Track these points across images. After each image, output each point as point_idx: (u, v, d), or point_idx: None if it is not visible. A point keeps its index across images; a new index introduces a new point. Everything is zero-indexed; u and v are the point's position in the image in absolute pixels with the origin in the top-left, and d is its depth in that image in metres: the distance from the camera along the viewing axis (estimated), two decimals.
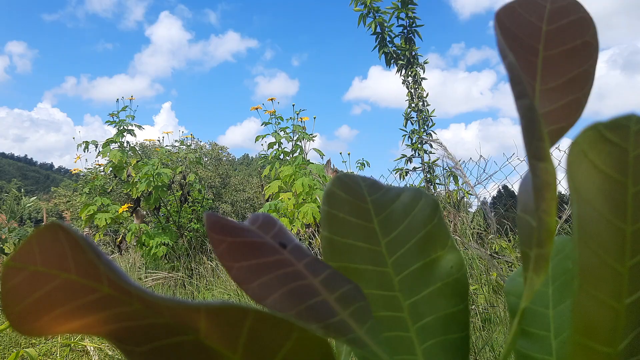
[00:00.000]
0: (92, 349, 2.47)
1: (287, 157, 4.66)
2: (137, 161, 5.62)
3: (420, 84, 5.59)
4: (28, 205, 5.04)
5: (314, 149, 4.68)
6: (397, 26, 5.64)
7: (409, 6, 5.50)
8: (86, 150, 5.71)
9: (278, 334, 0.21)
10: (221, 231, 0.26)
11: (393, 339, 0.32)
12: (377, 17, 5.57)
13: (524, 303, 0.26)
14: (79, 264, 0.19)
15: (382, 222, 0.34)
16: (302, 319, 0.27)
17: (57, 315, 0.19)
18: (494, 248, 3.12)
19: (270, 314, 0.20)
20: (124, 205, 5.68)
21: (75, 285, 0.19)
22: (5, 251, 4.86)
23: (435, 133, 5.55)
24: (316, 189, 4.06)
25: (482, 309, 2.24)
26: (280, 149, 4.69)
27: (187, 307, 0.19)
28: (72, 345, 2.62)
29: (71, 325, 0.19)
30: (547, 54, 0.29)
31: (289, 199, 4.12)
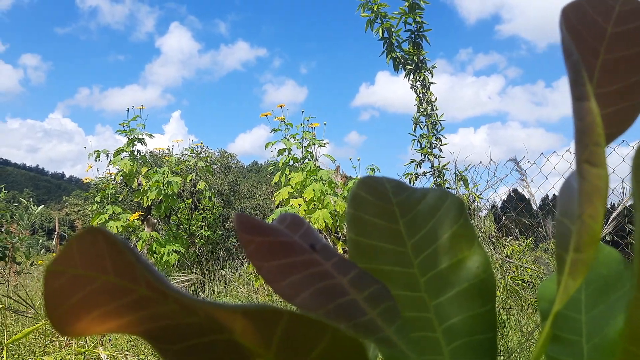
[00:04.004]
0: (105, 356, 2.47)
1: (296, 164, 4.67)
2: (148, 170, 5.65)
3: (429, 89, 5.59)
4: (36, 212, 5.09)
5: (325, 154, 4.68)
6: (404, 31, 5.65)
7: (417, 11, 5.50)
8: (97, 160, 5.75)
9: (311, 333, 0.20)
10: (250, 231, 0.27)
11: (420, 340, 0.32)
12: (384, 23, 5.59)
13: (557, 306, 0.25)
14: (117, 266, 0.19)
15: (407, 224, 0.34)
16: (332, 318, 0.27)
17: (96, 316, 0.19)
18: (506, 252, 3.10)
19: (305, 315, 0.20)
20: (135, 213, 5.72)
21: (114, 286, 0.19)
22: (17, 260, 4.89)
23: (444, 137, 5.54)
24: (327, 194, 4.06)
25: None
26: (290, 155, 4.70)
27: (224, 310, 0.19)
28: (87, 353, 2.63)
29: (109, 326, 0.19)
30: (607, 57, 0.29)
31: (300, 205, 4.12)
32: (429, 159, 5.44)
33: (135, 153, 5.80)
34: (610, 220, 2.40)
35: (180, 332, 0.20)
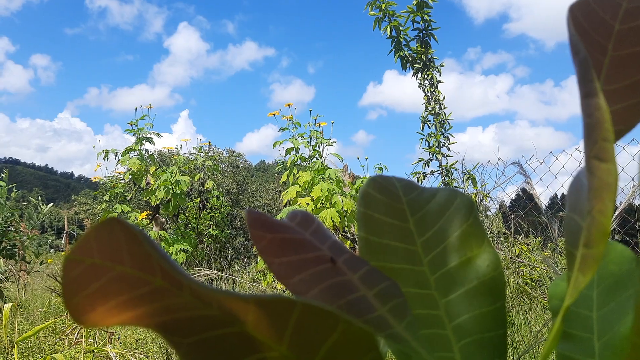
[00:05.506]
0: (114, 354, 2.49)
1: (304, 163, 4.67)
2: (156, 169, 5.68)
3: (437, 87, 5.58)
4: (45, 211, 5.13)
5: (333, 153, 4.68)
6: (412, 30, 5.64)
7: (425, 9, 5.49)
8: (106, 159, 5.78)
9: (324, 325, 0.21)
10: (262, 227, 0.27)
11: (430, 337, 0.32)
12: (392, 21, 5.58)
13: (568, 301, 0.25)
14: (134, 256, 0.19)
15: (417, 222, 0.34)
16: None
17: (111, 306, 0.19)
18: (514, 251, 3.08)
19: (317, 306, 0.20)
20: (144, 212, 5.75)
21: (130, 277, 0.19)
22: (26, 259, 4.93)
23: (452, 136, 5.52)
24: (335, 193, 4.06)
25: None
26: (298, 154, 4.70)
27: (237, 298, 0.19)
28: (96, 351, 2.65)
29: (124, 317, 0.20)
30: (615, 54, 0.29)
31: (307, 204, 4.13)
32: (437, 157, 5.43)
33: (144, 152, 5.83)
34: (614, 217, 2.39)
35: (193, 325, 0.21)
